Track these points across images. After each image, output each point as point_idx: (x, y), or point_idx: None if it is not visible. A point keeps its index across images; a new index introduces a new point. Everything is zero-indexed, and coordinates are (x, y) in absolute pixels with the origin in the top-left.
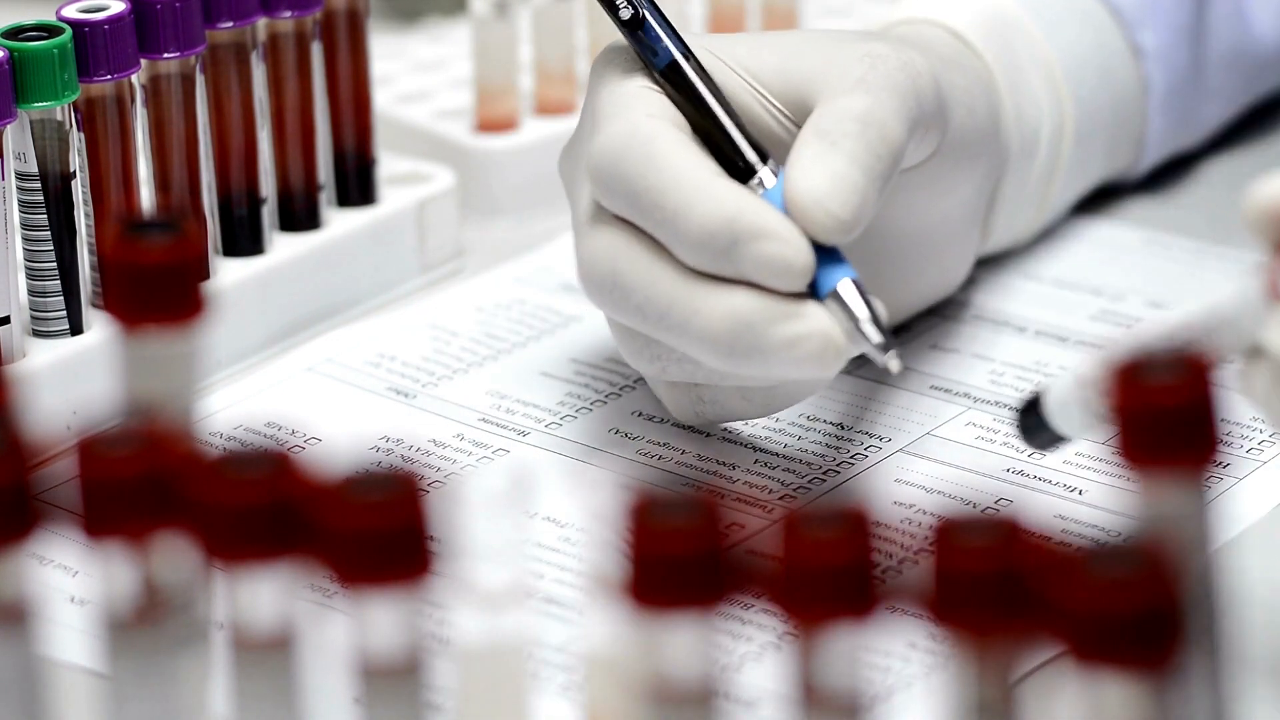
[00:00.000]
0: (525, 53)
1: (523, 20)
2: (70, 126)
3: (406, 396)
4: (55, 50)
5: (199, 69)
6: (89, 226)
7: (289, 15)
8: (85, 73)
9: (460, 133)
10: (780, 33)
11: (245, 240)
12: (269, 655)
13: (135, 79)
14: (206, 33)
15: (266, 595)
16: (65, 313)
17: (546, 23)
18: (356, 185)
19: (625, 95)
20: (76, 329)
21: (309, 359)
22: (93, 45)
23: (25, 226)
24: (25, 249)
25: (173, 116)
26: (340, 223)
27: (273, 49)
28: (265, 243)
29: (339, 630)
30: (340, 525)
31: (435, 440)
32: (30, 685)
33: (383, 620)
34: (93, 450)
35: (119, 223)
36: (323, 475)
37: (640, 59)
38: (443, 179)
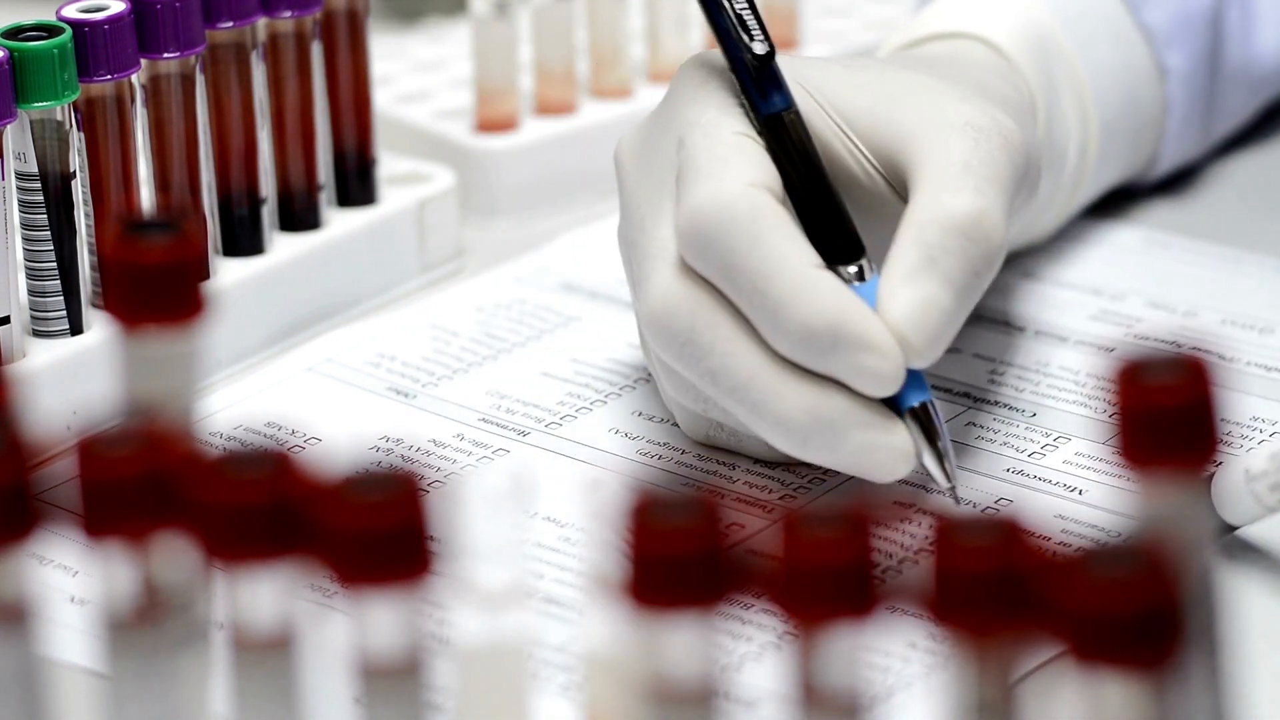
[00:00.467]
0: (525, 53)
1: (523, 20)
2: (70, 126)
3: (406, 396)
4: (55, 50)
5: (199, 69)
6: (89, 226)
7: (289, 15)
8: (85, 73)
9: (460, 133)
10: (874, 68)
11: (245, 240)
12: (269, 655)
13: (135, 79)
14: (206, 33)
15: (266, 595)
16: (65, 313)
17: (546, 23)
18: (356, 185)
19: (723, 145)
20: (76, 329)
21: (309, 359)
22: (93, 45)
23: (25, 226)
24: (25, 249)
25: (173, 116)
26: (340, 223)
27: (273, 49)
28: (265, 243)
29: (339, 630)
30: (340, 525)
31: (435, 440)
32: (30, 685)
33: (383, 620)
34: (93, 450)
35: (119, 223)
36: (323, 475)
37: (743, 92)
38: (443, 179)
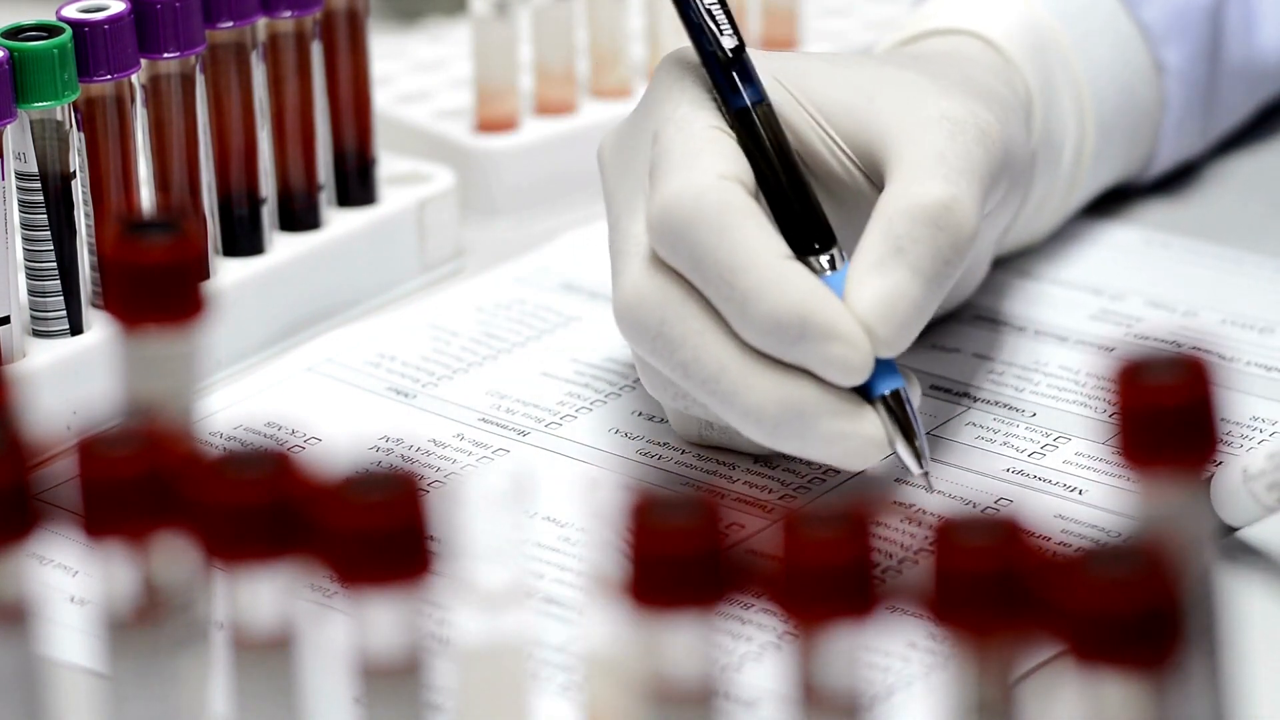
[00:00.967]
0: (525, 53)
1: (523, 20)
2: (70, 126)
3: (406, 396)
4: (55, 50)
5: (199, 69)
6: (89, 226)
7: (289, 15)
8: (85, 73)
9: (460, 133)
10: (854, 63)
11: (245, 240)
12: (269, 655)
13: (135, 79)
14: (206, 33)
15: (266, 595)
16: (65, 313)
17: (546, 23)
18: (356, 185)
19: (695, 139)
20: (76, 329)
21: (309, 359)
22: (93, 45)
23: (25, 226)
24: (25, 249)
25: (173, 116)
26: (340, 223)
27: (273, 49)
28: (265, 243)
29: (339, 630)
30: (340, 525)
31: (435, 440)
32: (30, 685)
33: (383, 620)
34: (93, 450)
35: (119, 223)
36: (323, 475)
37: (715, 87)
38: (443, 179)
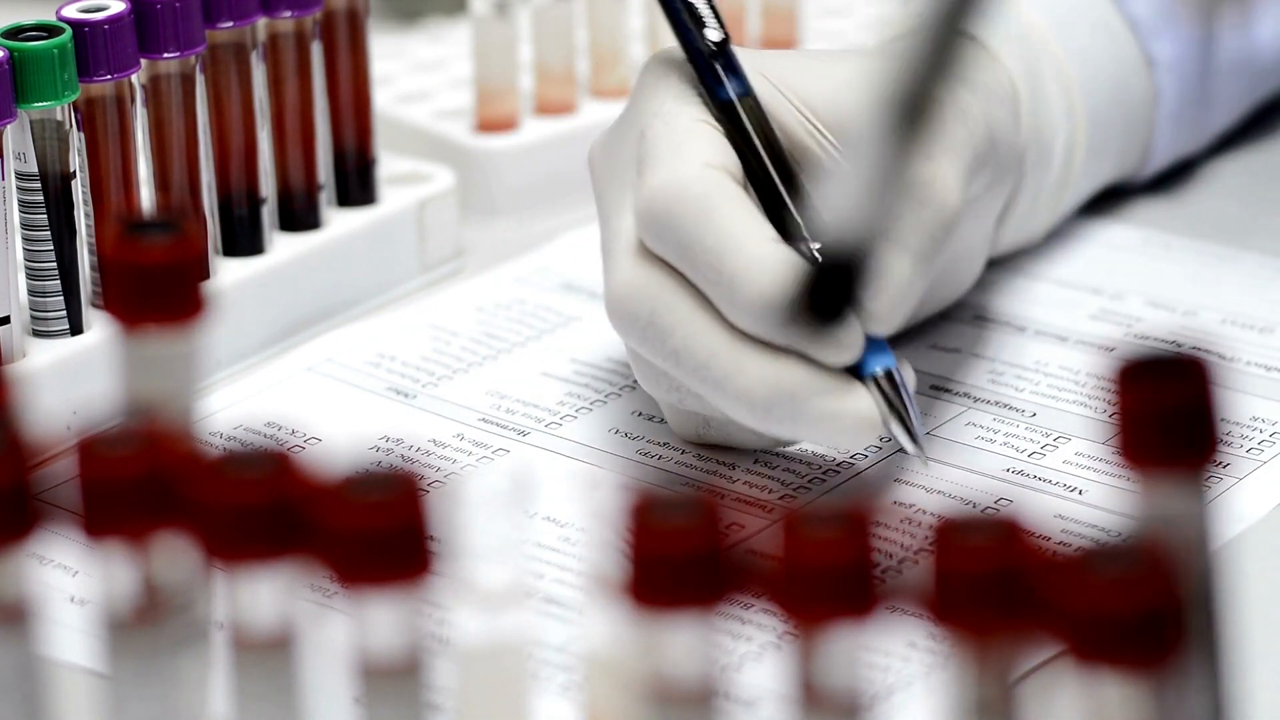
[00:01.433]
0: (525, 53)
1: (523, 20)
2: (70, 126)
3: (406, 396)
4: (55, 50)
5: (199, 69)
6: (89, 226)
7: (289, 15)
8: (85, 73)
9: (460, 133)
10: (835, 56)
11: (245, 240)
12: (269, 655)
13: (135, 79)
14: (206, 33)
15: (266, 595)
16: (65, 313)
17: (546, 23)
18: (356, 185)
19: (681, 131)
20: (76, 329)
21: (309, 359)
22: (93, 45)
23: (25, 226)
24: (25, 249)
25: (173, 116)
26: (340, 223)
27: (273, 49)
28: (265, 243)
29: (339, 630)
30: (340, 525)
31: (435, 440)
32: (30, 685)
33: (383, 620)
34: (93, 450)
35: (119, 223)
36: (323, 475)
37: (700, 81)
38: (443, 179)
